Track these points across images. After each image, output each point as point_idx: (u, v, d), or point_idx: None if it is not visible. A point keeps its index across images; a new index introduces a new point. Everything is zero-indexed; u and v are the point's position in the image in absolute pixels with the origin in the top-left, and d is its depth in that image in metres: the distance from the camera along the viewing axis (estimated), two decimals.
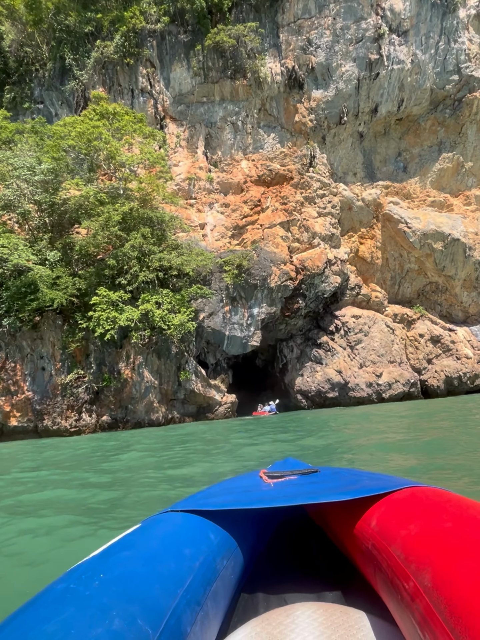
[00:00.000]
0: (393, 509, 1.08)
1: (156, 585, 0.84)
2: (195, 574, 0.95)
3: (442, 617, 0.65)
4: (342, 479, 1.59)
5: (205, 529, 1.17)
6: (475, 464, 4.62)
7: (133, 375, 18.81)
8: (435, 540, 0.82)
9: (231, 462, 6.41)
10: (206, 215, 24.51)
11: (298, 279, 23.59)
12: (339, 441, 8.33)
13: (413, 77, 26.94)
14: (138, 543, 1.02)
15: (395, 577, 0.87)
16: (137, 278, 16.73)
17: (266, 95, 26.47)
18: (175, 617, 0.79)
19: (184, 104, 26.61)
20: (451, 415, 12.05)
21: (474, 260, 27.83)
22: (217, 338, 22.21)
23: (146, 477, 5.49)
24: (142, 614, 0.74)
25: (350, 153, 28.29)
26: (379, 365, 25.48)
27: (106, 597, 0.75)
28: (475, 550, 0.73)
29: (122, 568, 0.87)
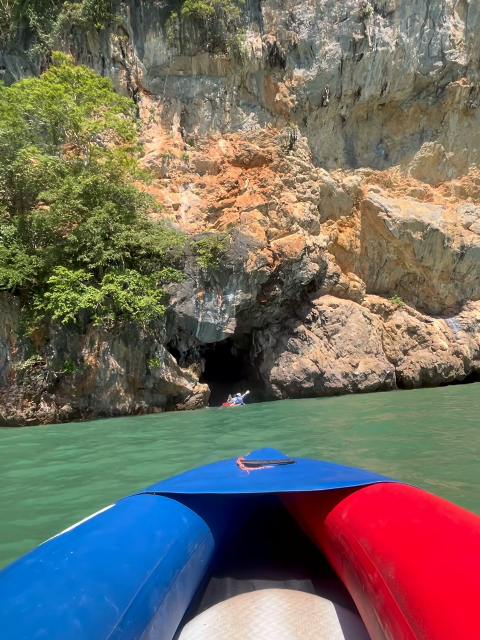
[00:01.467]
0: (364, 503, 1.09)
1: (126, 564, 0.84)
2: (166, 555, 0.96)
3: (402, 609, 0.67)
4: (317, 470, 1.59)
5: (178, 512, 1.17)
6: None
7: (97, 362, 17.59)
8: (401, 535, 0.84)
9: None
10: (180, 196, 23.24)
11: (275, 265, 22.72)
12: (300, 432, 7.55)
13: (397, 61, 26.22)
14: (110, 522, 1.01)
15: (361, 568, 0.89)
16: (100, 256, 15.42)
17: (246, 72, 25.21)
18: (143, 597, 0.80)
19: (158, 77, 25.07)
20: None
21: (451, 251, 27.63)
22: (189, 325, 21.16)
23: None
24: (109, 592, 0.74)
25: (331, 137, 27.45)
26: (355, 356, 25.04)
27: (75, 573, 0.74)
28: (438, 547, 0.74)
29: (92, 546, 0.87)
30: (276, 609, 0.94)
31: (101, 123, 15.97)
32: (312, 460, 1.90)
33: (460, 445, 5.27)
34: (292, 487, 1.26)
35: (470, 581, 0.63)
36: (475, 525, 0.81)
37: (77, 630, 0.64)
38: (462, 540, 0.75)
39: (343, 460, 4.97)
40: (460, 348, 27.37)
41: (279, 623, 0.89)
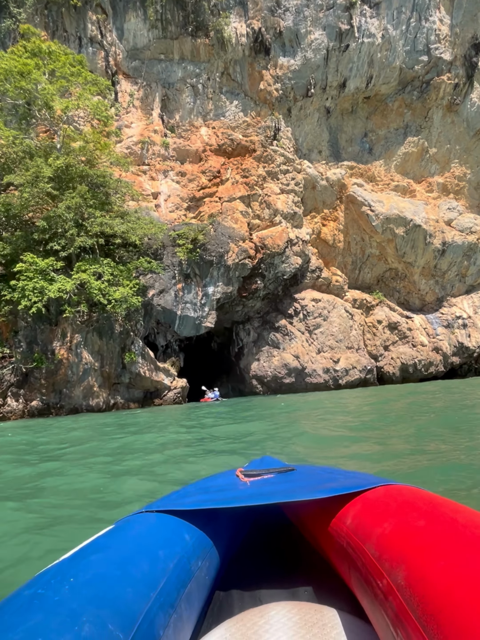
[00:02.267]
0: (367, 507, 1.08)
1: (128, 588, 0.81)
2: (169, 575, 0.94)
3: (414, 615, 0.65)
4: (318, 477, 1.56)
5: (180, 529, 1.15)
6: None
7: (69, 355, 16.78)
8: (408, 539, 0.82)
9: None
10: (160, 184, 22.43)
11: (257, 258, 22.22)
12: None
13: (383, 54, 25.90)
14: (110, 545, 0.98)
15: (369, 574, 0.87)
16: (72, 243, 14.58)
17: (230, 58, 24.46)
18: (148, 621, 0.78)
19: (138, 60, 24.09)
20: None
21: (433, 247, 27.66)
22: (167, 318, 20.49)
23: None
24: (113, 619, 0.71)
25: (316, 129, 27.00)
26: (336, 351, 24.84)
27: (76, 602, 0.72)
28: (446, 548, 0.72)
29: (93, 571, 0.83)
30: (285, 622, 0.93)
31: (74, 102, 15.02)
32: (312, 467, 1.89)
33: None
34: (294, 497, 1.25)
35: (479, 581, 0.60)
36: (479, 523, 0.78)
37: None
38: (470, 540, 0.72)
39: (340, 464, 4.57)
40: (440, 344, 27.52)
41: (289, 637, 0.87)
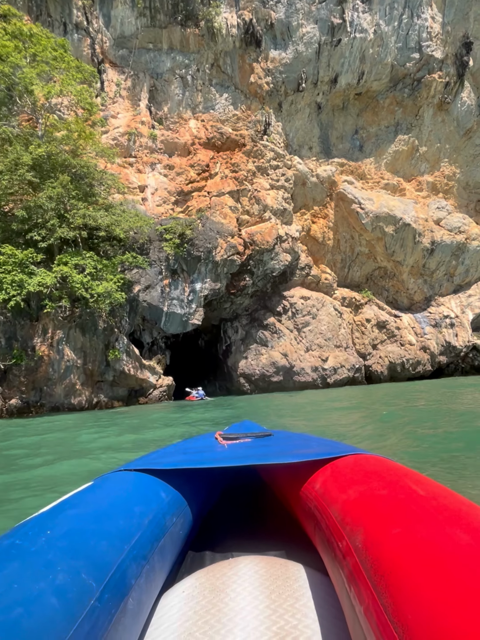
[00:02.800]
0: (336, 474, 1.12)
1: (103, 541, 0.85)
2: (144, 530, 0.97)
3: (367, 574, 0.70)
4: (293, 443, 1.61)
5: (156, 487, 1.18)
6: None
7: (51, 352, 16.19)
8: (369, 505, 0.87)
9: None
10: (147, 177, 21.85)
11: (246, 254, 21.83)
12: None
13: (375, 49, 25.66)
14: (88, 500, 1.01)
15: (332, 536, 0.92)
16: (53, 234, 13.96)
17: (220, 50, 23.94)
18: (121, 571, 0.81)
19: (126, 48, 23.40)
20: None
21: (422, 246, 27.63)
22: (153, 314, 19.99)
23: None
24: (86, 569, 0.75)
25: (306, 125, 26.67)
26: (325, 350, 24.64)
27: (52, 552, 0.75)
28: (402, 516, 0.77)
29: (69, 525, 0.87)
30: (252, 574, 0.97)
31: (56, 88, 14.36)
32: (289, 433, 1.90)
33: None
34: (268, 460, 1.30)
35: (430, 549, 0.64)
36: (439, 495, 0.82)
37: (54, 607, 0.64)
38: (425, 510, 0.76)
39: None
40: (428, 343, 27.55)
41: (254, 587, 0.92)
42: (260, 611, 0.86)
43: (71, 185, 14.36)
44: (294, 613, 0.85)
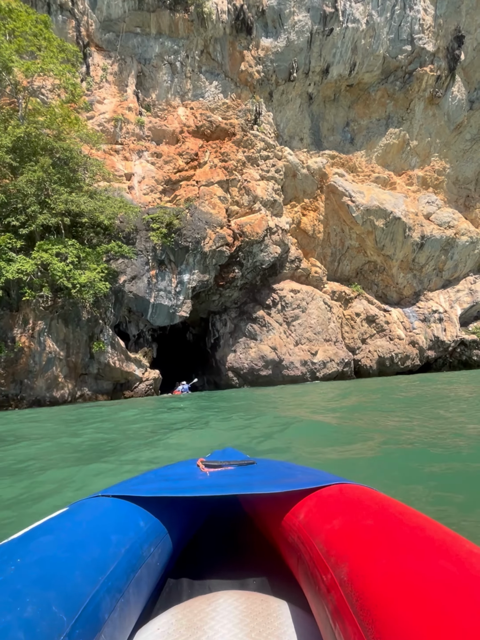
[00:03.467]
0: (320, 504, 1.10)
1: (77, 571, 0.80)
2: (120, 560, 0.93)
3: (352, 609, 0.67)
4: (276, 471, 1.58)
5: (135, 515, 1.14)
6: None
7: (31, 343, 15.58)
8: (354, 536, 0.85)
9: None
10: (134, 165, 21.24)
11: (235, 246, 21.41)
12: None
13: (367, 40, 25.36)
14: (62, 527, 0.97)
15: (316, 568, 0.89)
16: (34, 220, 13.35)
17: (210, 36, 23.37)
18: (94, 605, 0.77)
19: (113, 32, 22.67)
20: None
21: (412, 241, 27.55)
22: (140, 306, 19.47)
23: None
24: (57, 601, 0.71)
25: (297, 115, 26.29)
26: (314, 343, 24.41)
27: (21, 582, 0.71)
28: (388, 548, 0.75)
29: (41, 553, 0.82)
30: (232, 610, 0.94)
31: (36, 65, 13.69)
32: (272, 461, 1.89)
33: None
34: (251, 490, 1.26)
35: (416, 582, 0.63)
36: (425, 527, 0.81)
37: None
38: (411, 542, 0.75)
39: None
40: (417, 338, 27.54)
41: (234, 625, 0.89)
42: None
43: (53, 170, 13.74)
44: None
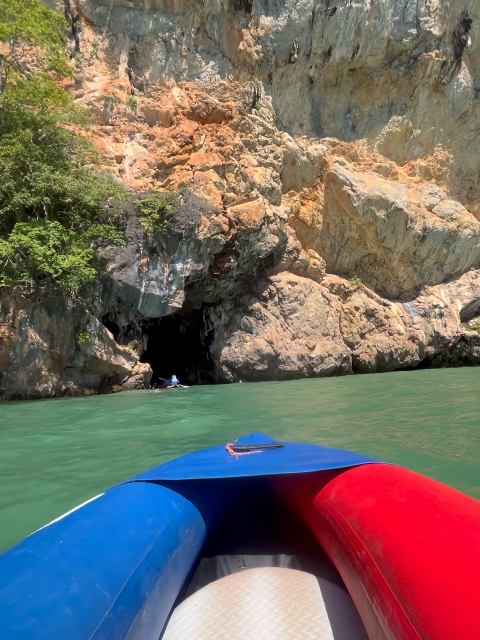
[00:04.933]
0: (351, 483, 1.10)
1: (116, 552, 0.83)
2: (157, 541, 0.96)
3: (390, 583, 0.68)
4: (305, 453, 1.61)
5: (168, 498, 1.17)
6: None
7: (12, 334, 14.58)
8: (388, 513, 0.85)
9: None
10: (125, 147, 20.11)
11: (231, 234, 20.42)
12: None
13: (371, 22, 24.27)
14: (100, 511, 1.00)
15: (349, 545, 0.90)
16: (10, 199, 12.29)
17: (207, 13, 22.17)
18: (134, 582, 0.79)
19: (103, 6, 21.41)
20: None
21: (414, 233, 26.69)
22: (130, 296, 18.47)
23: None
24: (100, 579, 0.73)
25: (297, 100, 25.21)
26: (312, 338, 23.55)
27: (65, 562, 0.74)
28: (423, 523, 0.75)
29: (82, 535, 0.85)
30: (266, 586, 0.95)
31: (12, 26, 12.51)
32: (301, 444, 1.92)
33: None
34: (281, 470, 1.27)
35: (455, 555, 0.63)
36: (458, 502, 0.81)
37: (68, 617, 0.63)
38: (446, 516, 0.75)
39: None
40: (417, 333, 26.78)
41: (270, 600, 0.90)
42: (276, 625, 0.82)
43: (34, 145, 12.64)
44: (312, 627, 0.82)
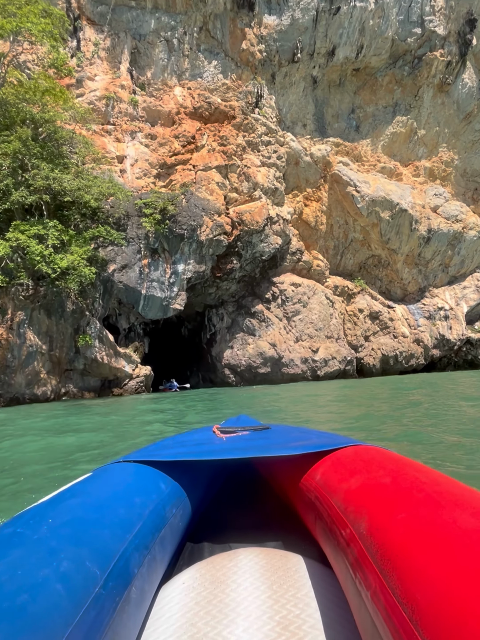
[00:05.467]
0: (336, 465, 1.13)
1: (106, 530, 0.85)
2: (145, 520, 0.97)
3: (373, 560, 0.70)
4: (291, 435, 1.62)
5: (156, 479, 1.18)
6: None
7: (10, 336, 14.26)
8: (372, 493, 0.88)
9: None
10: (126, 146, 19.85)
11: (234, 235, 20.11)
12: None
13: (375, 21, 24.02)
14: (89, 490, 1.01)
15: (334, 524, 0.93)
16: (8, 197, 12.00)
17: (209, 12, 21.96)
18: (124, 560, 0.81)
19: (105, 5, 21.21)
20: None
21: (418, 234, 26.35)
22: (131, 297, 18.16)
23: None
24: (90, 557, 0.75)
25: (301, 100, 24.95)
26: (315, 340, 23.20)
27: (54, 540, 0.75)
28: (406, 502, 0.78)
29: (71, 513, 0.86)
30: (252, 565, 0.97)
31: (12, 22, 12.26)
32: (286, 426, 1.90)
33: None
34: (267, 452, 1.30)
35: (435, 532, 0.65)
36: (441, 482, 0.83)
37: (59, 594, 0.64)
38: (427, 496, 0.77)
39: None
40: (422, 336, 26.39)
41: (255, 579, 0.92)
42: (262, 601, 0.85)
43: (33, 143, 12.36)
44: (296, 603, 0.85)
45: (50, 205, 13.48)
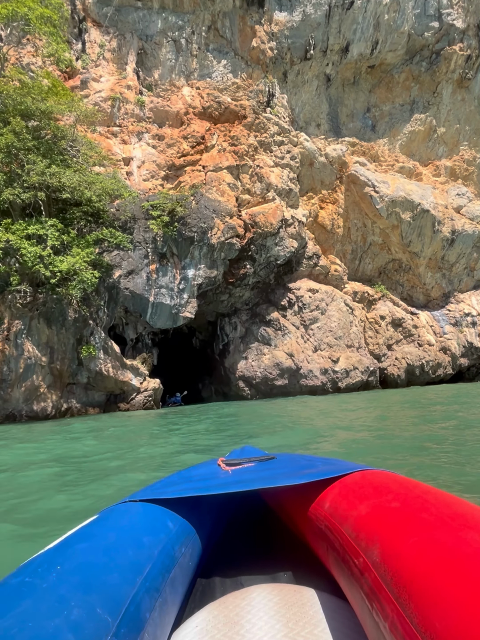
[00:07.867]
0: (345, 492, 1.10)
1: (115, 574, 0.82)
2: (154, 562, 0.95)
3: (388, 588, 0.69)
4: (297, 464, 1.58)
5: (163, 517, 1.16)
6: None
7: (6, 347, 13.14)
8: (383, 519, 0.86)
9: None
10: (133, 148, 18.94)
11: (247, 238, 18.91)
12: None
13: (391, 16, 23.03)
14: (96, 533, 0.99)
15: (347, 554, 0.90)
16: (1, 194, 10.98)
17: (218, 10, 21.22)
18: (135, 605, 0.79)
19: (111, 6, 20.62)
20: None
21: (442, 236, 24.84)
22: (138, 305, 16.98)
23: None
24: (101, 603, 0.73)
25: (314, 99, 23.94)
26: (335, 350, 21.67)
27: (64, 588, 0.73)
28: (418, 526, 0.76)
29: (79, 559, 0.84)
30: (266, 603, 0.95)
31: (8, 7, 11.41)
32: (292, 455, 1.87)
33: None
34: (274, 483, 1.25)
35: (449, 555, 0.64)
36: (452, 503, 0.82)
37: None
38: (439, 519, 0.76)
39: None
40: (448, 344, 24.66)
41: (270, 617, 0.90)
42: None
43: (27, 136, 11.40)
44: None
45: (50, 205, 12.44)
